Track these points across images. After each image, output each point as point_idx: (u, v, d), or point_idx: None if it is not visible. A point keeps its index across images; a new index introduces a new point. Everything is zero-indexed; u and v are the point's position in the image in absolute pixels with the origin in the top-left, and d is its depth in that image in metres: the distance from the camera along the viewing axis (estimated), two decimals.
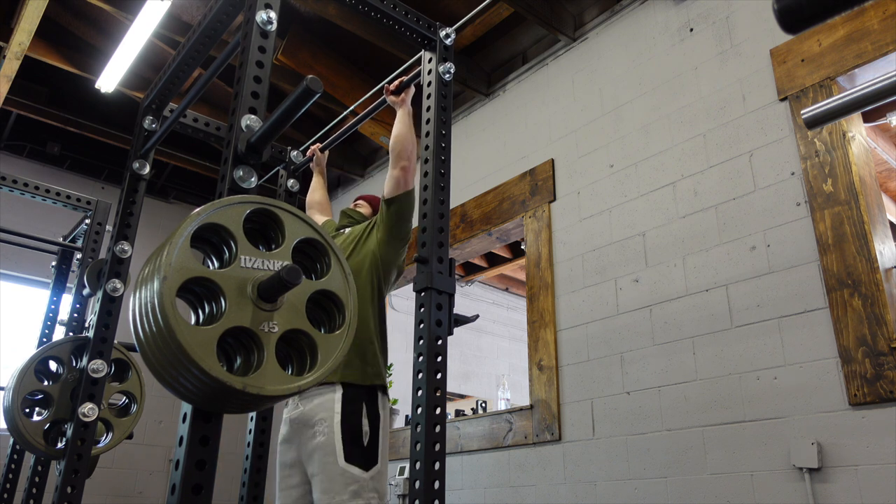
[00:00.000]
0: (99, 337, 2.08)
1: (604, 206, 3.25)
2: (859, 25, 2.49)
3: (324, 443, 1.90)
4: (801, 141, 2.56)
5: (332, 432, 1.90)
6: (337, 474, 1.86)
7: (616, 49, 3.48)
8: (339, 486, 1.86)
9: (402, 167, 2.16)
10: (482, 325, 6.99)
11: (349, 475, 1.88)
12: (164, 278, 1.02)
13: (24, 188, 3.04)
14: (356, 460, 1.91)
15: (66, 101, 4.92)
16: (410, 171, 2.18)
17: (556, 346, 3.25)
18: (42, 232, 3.49)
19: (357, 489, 1.87)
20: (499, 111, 4.13)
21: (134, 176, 2.24)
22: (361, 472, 1.90)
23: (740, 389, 2.50)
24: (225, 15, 1.78)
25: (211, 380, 1.01)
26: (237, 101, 1.35)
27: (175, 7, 3.77)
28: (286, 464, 2.04)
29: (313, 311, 1.20)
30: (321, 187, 2.77)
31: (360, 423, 1.96)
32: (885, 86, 1.05)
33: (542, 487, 3.08)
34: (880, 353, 2.17)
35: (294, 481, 2.01)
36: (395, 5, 1.95)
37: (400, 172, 2.16)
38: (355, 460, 1.91)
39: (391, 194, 2.17)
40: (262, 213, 1.18)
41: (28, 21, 3.50)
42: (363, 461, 1.92)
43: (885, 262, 2.31)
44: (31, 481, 2.55)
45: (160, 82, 2.18)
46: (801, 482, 2.25)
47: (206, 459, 1.08)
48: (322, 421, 1.93)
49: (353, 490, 1.87)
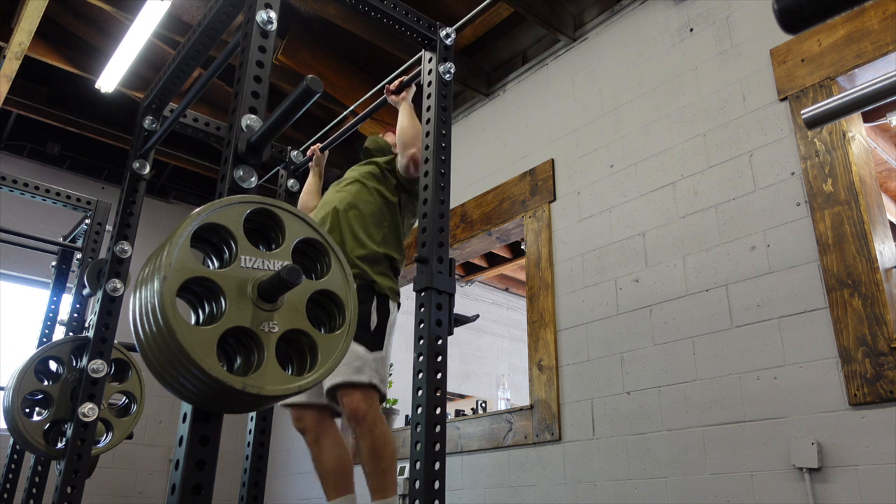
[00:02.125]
0: (99, 337, 2.08)
1: (604, 206, 3.25)
2: (859, 25, 2.49)
3: None
4: (801, 141, 2.56)
5: None
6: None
7: (616, 49, 3.48)
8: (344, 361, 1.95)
9: (410, 155, 2.27)
10: (482, 325, 6.99)
11: (353, 352, 2.00)
12: (164, 278, 1.02)
13: (24, 188, 3.04)
14: (362, 340, 2.03)
15: (66, 101, 4.92)
16: (419, 158, 2.23)
17: (556, 346, 3.25)
18: (42, 232, 3.49)
19: (360, 365, 2.00)
20: (499, 111, 4.13)
21: (134, 176, 2.24)
22: (366, 351, 2.03)
23: (740, 389, 2.50)
24: (225, 15, 1.78)
25: (211, 380, 1.01)
26: (237, 101, 1.35)
27: (175, 7, 3.76)
28: None
29: (313, 311, 1.20)
30: (316, 191, 2.77)
31: (370, 311, 2.10)
32: (885, 86, 1.05)
33: (542, 487, 3.08)
34: (880, 353, 2.17)
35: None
36: (395, 5, 1.95)
37: (409, 161, 2.28)
38: (361, 340, 2.03)
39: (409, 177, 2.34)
40: (262, 213, 1.18)
41: (28, 21, 3.50)
42: (368, 342, 2.05)
43: (885, 262, 2.31)
44: (31, 481, 2.55)
45: (160, 82, 2.18)
46: (801, 482, 2.25)
47: (206, 459, 1.08)
48: None
49: (357, 366, 1.99)
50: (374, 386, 2.04)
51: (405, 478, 3.70)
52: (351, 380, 2.01)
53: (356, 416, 2.00)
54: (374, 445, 2.00)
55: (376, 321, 2.11)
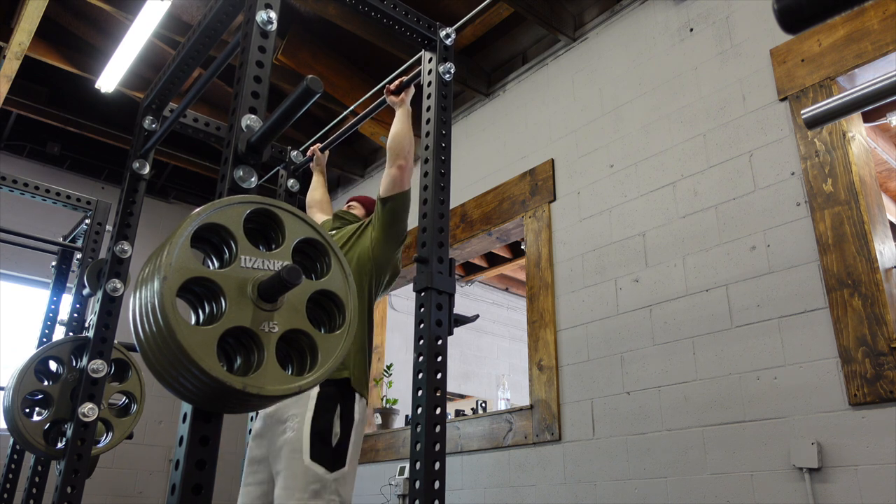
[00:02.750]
0: (99, 337, 2.08)
1: (604, 206, 3.25)
2: (859, 25, 2.49)
3: (292, 438, 1.85)
4: (801, 141, 2.56)
5: (301, 428, 1.86)
6: (300, 472, 1.81)
7: (616, 49, 3.48)
8: (300, 484, 1.80)
9: (398, 166, 2.14)
10: (482, 325, 6.99)
11: (312, 473, 1.81)
12: (164, 278, 1.02)
13: (24, 188, 3.04)
14: (321, 459, 1.84)
15: (66, 101, 4.92)
16: (407, 171, 2.16)
17: (556, 346, 3.25)
18: (42, 232, 3.50)
19: (318, 489, 1.81)
20: (499, 111, 4.13)
21: (134, 176, 2.24)
22: (325, 472, 1.83)
23: (740, 389, 2.50)
24: (225, 15, 1.78)
25: (211, 380, 1.01)
26: (237, 101, 1.35)
27: (175, 7, 3.77)
28: (254, 459, 1.99)
29: (313, 311, 1.20)
30: (321, 186, 2.76)
31: (332, 422, 1.90)
32: (885, 86, 1.05)
33: (542, 487, 3.08)
34: (880, 353, 2.17)
35: (259, 478, 1.96)
36: (395, 5, 1.95)
37: (397, 171, 2.14)
38: (321, 459, 1.84)
39: (387, 193, 2.14)
40: (262, 213, 1.18)
41: (28, 21, 3.50)
42: (329, 461, 1.85)
43: (885, 262, 2.31)
44: (31, 481, 2.55)
45: (160, 82, 2.18)
46: (801, 482, 2.25)
47: (206, 459, 1.08)
48: (294, 416, 1.88)
49: (315, 489, 1.81)
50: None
51: (405, 478, 3.70)
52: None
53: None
54: None
55: (339, 434, 1.90)
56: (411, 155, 2.17)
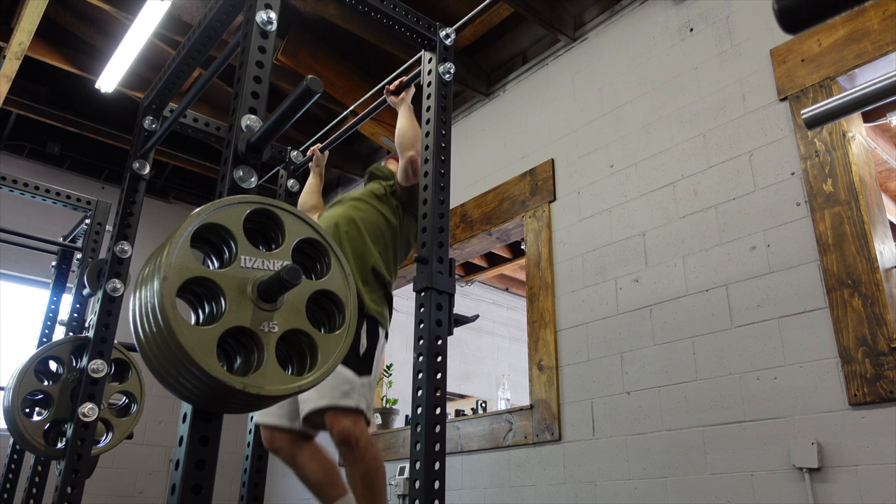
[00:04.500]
0: (99, 337, 2.08)
1: (604, 206, 3.25)
2: (859, 25, 2.49)
3: None
4: (801, 141, 2.56)
5: None
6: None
7: (616, 49, 3.48)
8: (331, 384, 1.91)
9: (409, 158, 2.24)
10: (482, 325, 6.99)
11: (342, 375, 1.94)
12: (164, 278, 1.02)
13: (24, 188, 3.04)
14: (350, 364, 1.98)
15: (66, 101, 4.93)
16: (418, 160, 2.22)
17: (556, 346, 3.25)
18: (42, 232, 3.50)
19: (348, 390, 1.94)
20: (499, 111, 4.13)
21: (134, 176, 2.24)
22: (354, 375, 1.98)
23: (740, 389, 2.50)
24: (225, 15, 1.78)
25: (211, 380, 1.01)
26: (237, 101, 1.35)
27: (175, 7, 3.77)
28: None
29: (313, 311, 1.20)
30: (317, 191, 2.77)
31: (359, 335, 2.04)
32: (885, 86, 1.05)
33: (542, 487, 3.08)
34: (880, 353, 2.17)
35: None
36: (395, 5, 1.95)
37: (408, 163, 2.25)
38: (349, 364, 1.97)
39: (407, 182, 2.30)
40: (262, 213, 1.18)
41: (28, 21, 3.50)
42: (357, 367, 1.99)
43: (885, 262, 2.31)
44: (31, 481, 2.55)
45: (160, 82, 2.18)
46: (801, 482, 2.25)
47: (206, 459, 1.08)
48: None
49: (345, 390, 1.93)
50: (361, 411, 1.97)
51: (405, 478, 3.70)
52: (339, 404, 1.93)
53: (348, 442, 1.91)
54: (368, 471, 1.93)
55: (366, 346, 2.05)
56: (418, 144, 2.21)
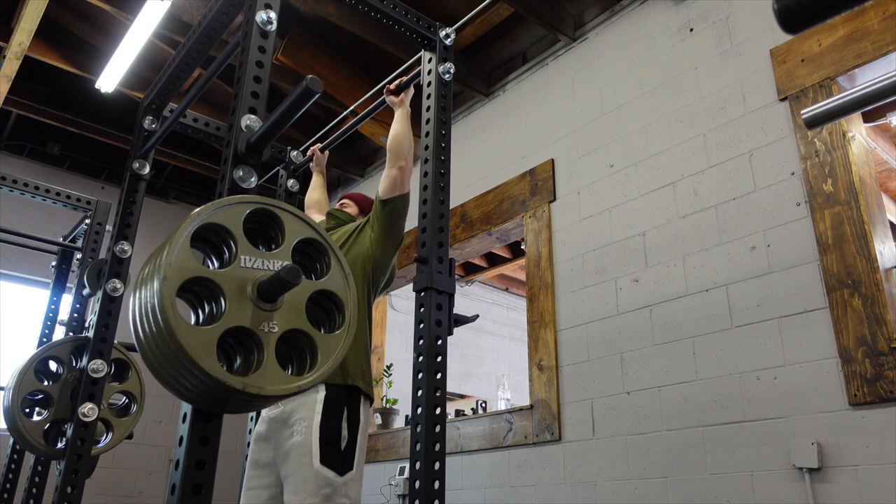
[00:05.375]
0: (99, 337, 2.08)
1: (604, 206, 3.25)
2: (859, 25, 2.49)
3: (300, 443, 1.85)
4: (801, 141, 2.56)
5: (309, 433, 1.86)
6: (311, 476, 1.81)
7: (616, 49, 3.48)
8: (311, 488, 1.81)
9: (399, 167, 2.13)
10: (482, 325, 6.99)
11: (323, 477, 1.82)
12: (164, 278, 1.02)
13: (24, 188, 3.04)
14: (331, 463, 1.85)
15: (66, 101, 4.92)
16: (407, 172, 2.15)
17: (556, 346, 3.25)
18: (42, 232, 3.50)
19: (329, 493, 1.82)
20: (499, 111, 4.13)
21: (134, 176, 2.24)
22: (336, 475, 1.85)
23: (740, 389, 2.50)
24: (225, 15, 1.78)
25: (211, 380, 1.01)
26: (237, 101, 1.35)
27: (175, 7, 3.77)
28: (259, 463, 1.97)
29: (313, 311, 1.20)
30: (321, 186, 2.76)
31: (340, 426, 1.91)
32: (885, 86, 1.05)
33: (542, 487, 3.08)
34: (880, 353, 2.17)
35: (265, 482, 1.94)
36: (395, 5, 1.95)
37: (397, 172, 2.13)
38: (330, 463, 1.85)
39: (387, 195, 2.13)
40: (262, 213, 1.18)
41: (28, 21, 3.50)
42: (339, 465, 1.87)
43: (885, 262, 2.31)
44: (31, 481, 2.55)
45: (160, 82, 2.18)
46: (801, 482, 2.25)
47: (206, 459, 1.08)
48: (301, 420, 1.88)
49: (326, 493, 1.82)
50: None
51: (405, 478, 3.70)
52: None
53: None
54: None
55: (347, 437, 1.91)
56: (411, 156, 2.17)
